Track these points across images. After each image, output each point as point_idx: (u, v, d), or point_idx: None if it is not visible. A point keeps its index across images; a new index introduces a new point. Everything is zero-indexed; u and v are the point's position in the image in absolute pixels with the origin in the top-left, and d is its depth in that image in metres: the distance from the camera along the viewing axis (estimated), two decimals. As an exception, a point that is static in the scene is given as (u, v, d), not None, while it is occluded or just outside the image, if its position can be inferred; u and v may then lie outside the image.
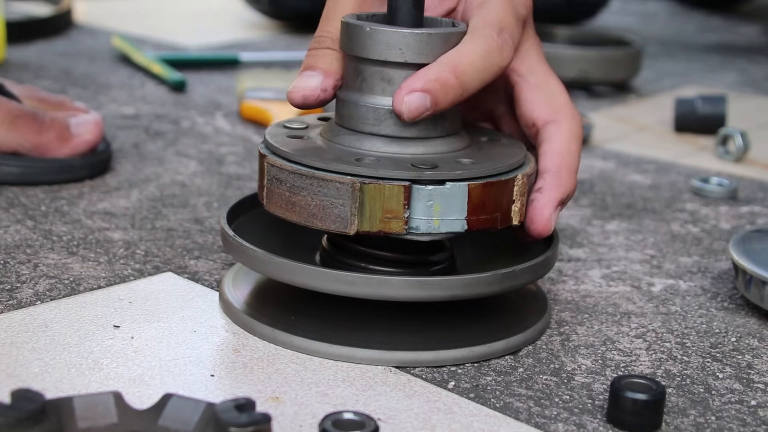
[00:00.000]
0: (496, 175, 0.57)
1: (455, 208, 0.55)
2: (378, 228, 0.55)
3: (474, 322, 0.59)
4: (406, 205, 0.54)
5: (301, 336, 0.56)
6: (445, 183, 0.55)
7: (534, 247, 0.63)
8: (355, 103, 0.58)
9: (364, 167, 0.55)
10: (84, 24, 1.44)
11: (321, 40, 0.60)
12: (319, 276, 0.55)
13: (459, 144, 0.59)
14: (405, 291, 0.55)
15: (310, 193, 0.55)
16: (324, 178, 0.55)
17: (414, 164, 0.56)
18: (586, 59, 1.19)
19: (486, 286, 0.56)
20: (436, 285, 0.55)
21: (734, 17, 1.90)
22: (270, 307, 0.60)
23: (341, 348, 0.55)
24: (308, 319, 0.58)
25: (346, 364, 0.55)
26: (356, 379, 0.54)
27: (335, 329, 0.57)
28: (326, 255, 0.61)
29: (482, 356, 0.57)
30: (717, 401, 0.54)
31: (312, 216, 0.55)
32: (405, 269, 0.59)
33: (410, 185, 0.54)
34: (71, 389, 0.51)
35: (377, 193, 0.54)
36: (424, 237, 0.56)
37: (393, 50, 0.56)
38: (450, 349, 0.56)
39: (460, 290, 0.55)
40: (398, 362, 0.55)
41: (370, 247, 0.59)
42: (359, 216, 0.54)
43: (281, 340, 0.56)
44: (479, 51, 0.57)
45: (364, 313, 0.58)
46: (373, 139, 0.57)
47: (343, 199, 0.54)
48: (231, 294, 0.61)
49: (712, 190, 0.88)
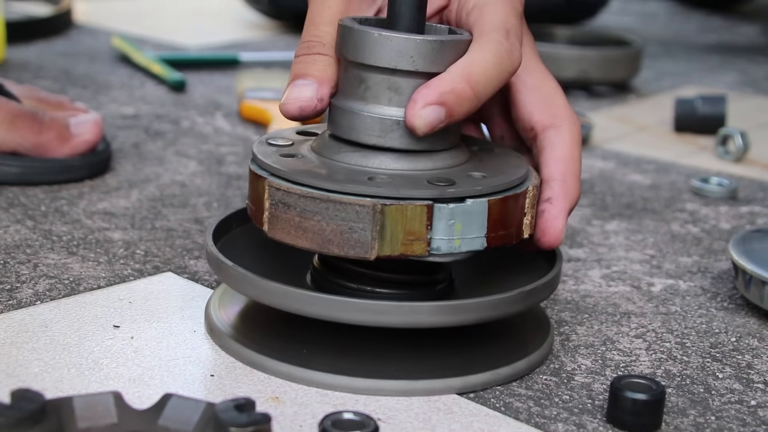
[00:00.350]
0: (512, 188, 0.54)
1: (475, 226, 0.53)
2: (399, 251, 0.52)
3: (480, 344, 0.57)
4: (429, 225, 0.52)
5: (321, 371, 0.53)
6: (465, 200, 0.52)
7: (515, 255, 0.61)
8: (358, 113, 0.54)
9: (382, 187, 0.51)
10: (84, 24, 1.44)
11: (311, 45, 0.57)
12: (346, 307, 0.51)
13: (462, 157, 0.56)
14: (437, 317, 0.52)
15: (325, 217, 0.52)
16: (341, 201, 0.51)
17: (430, 181, 0.53)
18: (586, 59, 1.19)
19: (512, 305, 0.54)
20: (466, 308, 0.52)
21: (734, 17, 1.90)
22: (264, 336, 0.56)
23: (367, 381, 0.52)
24: (318, 350, 0.54)
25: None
26: (356, 379, 0.54)
27: (353, 360, 0.54)
28: (319, 276, 0.57)
29: (507, 378, 0.54)
30: (717, 401, 0.54)
31: (327, 242, 0.52)
32: (410, 290, 0.56)
33: (432, 204, 0.52)
34: (71, 389, 0.51)
35: (399, 214, 0.51)
36: (446, 258, 0.53)
37: (404, 58, 0.53)
38: (477, 374, 0.53)
39: (490, 312, 0.53)
40: (428, 392, 0.53)
41: (374, 269, 0.55)
42: (380, 240, 0.51)
43: (299, 376, 0.53)
44: (491, 58, 0.54)
45: (360, 338, 0.55)
46: (379, 154, 0.54)
47: (363, 223, 0.51)
48: (219, 321, 0.57)
49: (712, 190, 0.88)
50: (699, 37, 1.69)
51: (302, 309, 0.52)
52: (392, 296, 0.55)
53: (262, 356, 0.54)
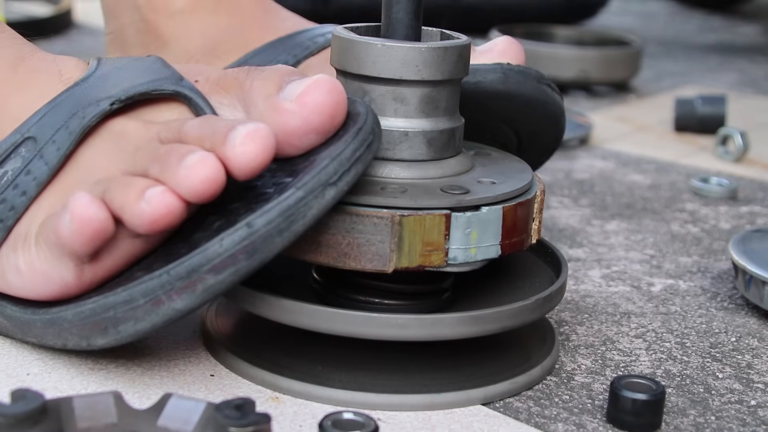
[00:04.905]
0: (523, 194, 0.54)
1: (491, 234, 0.52)
2: (417, 263, 0.50)
3: (486, 352, 0.56)
4: (447, 235, 0.51)
5: (339, 388, 0.51)
6: (480, 208, 0.51)
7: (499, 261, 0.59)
8: None
9: (398, 198, 0.50)
10: (84, 24, 1.44)
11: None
12: (367, 322, 0.50)
13: (468, 163, 0.55)
14: (459, 328, 0.51)
15: (340, 230, 0.50)
16: (357, 213, 0.50)
17: (444, 189, 0.52)
18: (586, 59, 1.19)
19: (530, 313, 0.53)
20: (488, 319, 0.51)
21: (734, 17, 1.90)
22: (275, 353, 0.54)
23: (390, 396, 0.51)
24: (333, 366, 0.53)
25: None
26: (356, 379, 0.54)
27: (370, 375, 0.52)
28: (322, 289, 0.55)
29: (525, 386, 0.54)
30: (717, 401, 0.54)
31: (344, 256, 0.50)
32: (419, 301, 0.55)
33: (450, 214, 0.51)
34: (71, 389, 0.51)
35: (417, 225, 0.50)
36: (463, 268, 0.52)
37: (409, 67, 0.52)
38: (495, 384, 0.53)
39: (510, 321, 0.52)
40: (448, 405, 0.51)
41: (384, 281, 0.54)
42: (398, 252, 0.50)
43: (317, 395, 0.51)
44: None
45: (365, 350, 0.54)
46: (388, 163, 0.53)
47: (381, 235, 0.50)
48: (218, 335, 0.56)
49: (712, 190, 0.88)
50: (699, 37, 1.69)
51: (319, 326, 0.51)
52: (401, 307, 0.54)
53: (276, 375, 0.52)
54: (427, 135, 0.53)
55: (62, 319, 0.50)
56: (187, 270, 0.47)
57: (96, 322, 0.49)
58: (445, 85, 0.54)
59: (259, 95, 0.51)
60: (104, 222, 0.48)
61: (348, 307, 0.52)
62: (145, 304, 0.48)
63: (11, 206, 0.52)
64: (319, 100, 0.49)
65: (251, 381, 0.53)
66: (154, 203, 0.47)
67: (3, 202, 0.52)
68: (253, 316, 0.56)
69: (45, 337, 0.52)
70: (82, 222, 0.47)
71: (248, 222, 0.47)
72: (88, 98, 0.53)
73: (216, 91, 0.54)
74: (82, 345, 0.50)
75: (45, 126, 0.53)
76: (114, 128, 0.53)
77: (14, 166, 0.52)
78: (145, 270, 0.49)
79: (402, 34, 0.53)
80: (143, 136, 0.52)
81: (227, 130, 0.48)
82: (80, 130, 0.52)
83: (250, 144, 0.48)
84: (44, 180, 0.52)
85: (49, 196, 0.52)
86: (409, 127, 0.53)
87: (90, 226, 0.48)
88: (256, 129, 0.48)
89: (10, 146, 0.53)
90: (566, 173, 0.92)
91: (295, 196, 0.47)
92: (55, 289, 0.51)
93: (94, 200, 0.48)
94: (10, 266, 0.52)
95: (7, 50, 0.57)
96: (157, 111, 0.53)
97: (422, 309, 0.54)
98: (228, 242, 0.47)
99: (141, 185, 0.48)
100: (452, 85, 0.54)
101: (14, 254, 0.52)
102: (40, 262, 0.51)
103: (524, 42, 1.22)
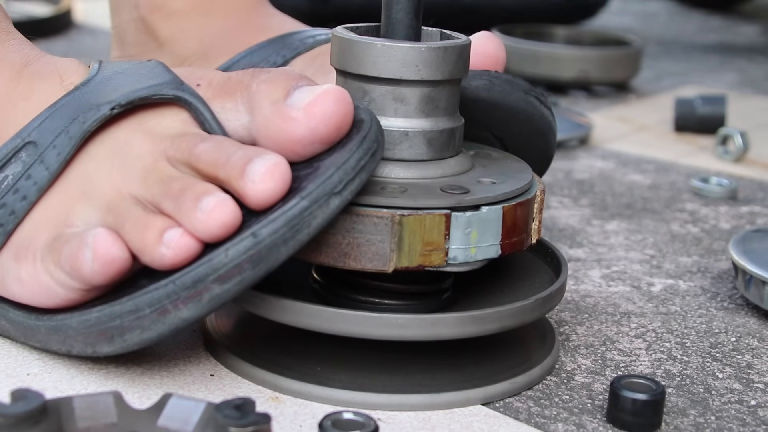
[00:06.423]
0: (523, 194, 0.54)
1: (491, 233, 0.52)
2: (417, 263, 0.50)
3: (485, 351, 0.56)
4: (447, 235, 0.51)
5: (339, 388, 0.51)
6: (480, 208, 0.51)
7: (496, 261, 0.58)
8: None
9: (398, 197, 0.50)
10: (84, 24, 1.44)
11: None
12: (367, 321, 0.50)
13: (467, 163, 0.55)
14: (459, 328, 0.51)
15: (340, 230, 0.50)
16: (358, 213, 0.50)
17: (443, 189, 0.52)
18: (586, 59, 1.20)
19: (530, 313, 0.53)
20: (488, 319, 0.51)
21: (734, 17, 1.90)
22: (274, 353, 0.54)
23: (390, 396, 0.51)
24: (333, 366, 0.53)
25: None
26: (356, 379, 0.54)
27: (370, 375, 0.52)
28: (321, 288, 0.55)
29: (525, 386, 0.54)
30: (717, 401, 0.54)
31: (344, 255, 0.50)
32: (419, 301, 0.55)
33: (450, 213, 0.51)
34: (71, 389, 0.51)
35: (417, 225, 0.50)
36: (462, 267, 0.52)
37: (409, 67, 0.52)
38: (495, 384, 0.53)
39: (510, 321, 0.52)
40: (448, 405, 0.52)
41: (384, 280, 0.54)
42: (398, 251, 0.50)
43: (317, 395, 0.51)
44: None
45: (365, 350, 0.54)
46: (388, 163, 0.53)
47: (381, 235, 0.50)
48: (218, 335, 0.55)
49: (712, 190, 0.88)
50: (699, 37, 1.69)
51: (319, 326, 0.51)
52: (401, 307, 0.54)
53: (276, 375, 0.52)
54: (427, 135, 0.53)
55: (67, 327, 0.50)
56: (193, 280, 0.47)
57: (101, 331, 0.49)
58: (445, 85, 0.54)
59: (266, 99, 0.51)
60: (126, 261, 0.48)
61: (348, 307, 0.52)
62: (151, 314, 0.48)
63: (11, 210, 0.52)
64: (328, 111, 0.49)
65: (251, 381, 0.53)
66: (173, 247, 0.47)
67: (3, 206, 0.52)
68: (253, 316, 0.56)
69: (49, 343, 0.52)
70: (104, 263, 0.48)
71: (253, 232, 0.47)
72: (89, 103, 0.53)
73: (218, 95, 0.53)
74: (87, 352, 0.50)
75: (45, 131, 0.53)
76: (117, 136, 0.53)
77: (15, 171, 0.52)
78: (149, 278, 0.49)
79: (402, 34, 0.53)
80: (150, 152, 0.51)
81: (244, 163, 0.48)
82: (81, 134, 0.52)
83: (269, 182, 0.48)
84: (45, 185, 0.52)
85: (50, 201, 0.52)
86: (409, 127, 0.53)
87: (113, 267, 0.48)
88: (275, 165, 0.48)
89: (10, 151, 0.53)
90: (566, 173, 0.92)
91: (300, 206, 0.47)
92: (57, 302, 0.51)
93: (117, 241, 0.48)
94: (10, 275, 0.52)
95: (13, 55, 0.57)
96: (158, 116, 0.53)
97: (422, 309, 0.54)
98: (233, 252, 0.47)
99: (159, 227, 0.48)
100: (452, 85, 0.54)
101: (16, 264, 0.52)
102: (47, 278, 0.50)
103: (524, 42, 1.22)
